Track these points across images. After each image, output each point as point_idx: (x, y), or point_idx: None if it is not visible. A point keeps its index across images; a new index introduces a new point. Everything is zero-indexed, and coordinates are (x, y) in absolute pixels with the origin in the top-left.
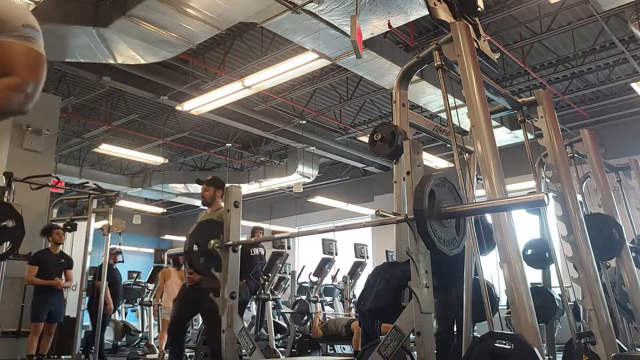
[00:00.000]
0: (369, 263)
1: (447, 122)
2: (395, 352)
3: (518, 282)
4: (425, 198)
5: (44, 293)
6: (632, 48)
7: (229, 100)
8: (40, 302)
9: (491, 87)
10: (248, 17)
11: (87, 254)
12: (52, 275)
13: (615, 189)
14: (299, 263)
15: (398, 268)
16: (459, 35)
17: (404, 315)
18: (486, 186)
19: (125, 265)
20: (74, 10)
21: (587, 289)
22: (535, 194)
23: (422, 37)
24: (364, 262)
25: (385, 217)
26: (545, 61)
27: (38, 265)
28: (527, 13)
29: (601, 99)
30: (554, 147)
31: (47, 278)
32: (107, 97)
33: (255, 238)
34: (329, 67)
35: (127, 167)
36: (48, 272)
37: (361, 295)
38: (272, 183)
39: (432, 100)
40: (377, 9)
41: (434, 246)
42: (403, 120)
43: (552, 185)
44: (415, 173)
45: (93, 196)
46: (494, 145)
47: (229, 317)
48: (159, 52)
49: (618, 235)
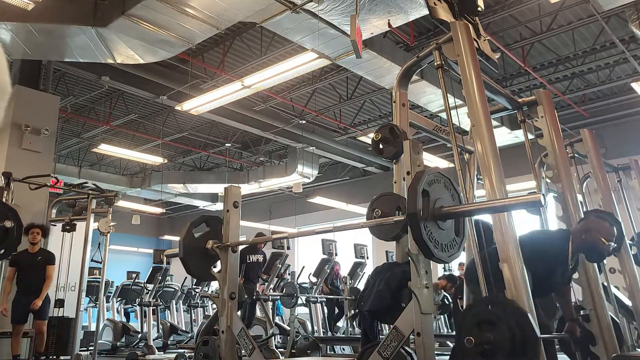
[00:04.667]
0: (368, 263)
1: (447, 122)
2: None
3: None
4: (418, 199)
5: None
6: (633, 48)
7: (228, 100)
8: (18, 303)
9: (491, 87)
10: (247, 16)
11: (87, 253)
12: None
13: (615, 189)
14: (299, 263)
15: (398, 269)
16: (459, 35)
17: (404, 315)
18: (486, 186)
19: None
20: (73, 10)
21: (587, 289)
22: (533, 194)
23: (422, 36)
24: (363, 262)
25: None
26: (545, 61)
27: (15, 267)
28: (527, 13)
29: (601, 98)
30: (554, 147)
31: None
32: (106, 97)
33: (253, 238)
34: (328, 67)
35: (126, 167)
36: (26, 273)
37: (361, 295)
38: (271, 183)
39: (432, 100)
40: (377, 8)
41: (430, 254)
42: (403, 120)
43: (553, 185)
44: (415, 173)
45: (92, 196)
46: (494, 145)
47: (228, 318)
48: (158, 51)
49: (617, 232)
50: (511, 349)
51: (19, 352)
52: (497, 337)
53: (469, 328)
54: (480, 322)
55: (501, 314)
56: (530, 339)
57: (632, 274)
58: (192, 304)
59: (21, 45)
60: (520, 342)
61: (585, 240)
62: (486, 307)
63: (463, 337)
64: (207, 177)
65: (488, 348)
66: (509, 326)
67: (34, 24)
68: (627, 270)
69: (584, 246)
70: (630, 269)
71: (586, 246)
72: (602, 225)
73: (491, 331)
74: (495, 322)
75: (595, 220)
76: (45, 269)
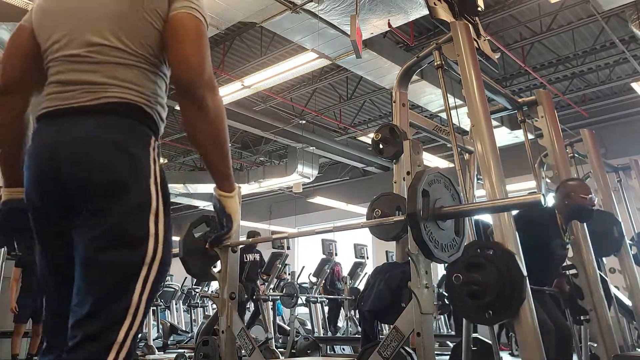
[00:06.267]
0: (368, 263)
1: (447, 122)
2: (395, 353)
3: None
4: (418, 199)
5: (25, 294)
6: (633, 48)
7: (228, 100)
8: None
9: (491, 87)
10: (247, 16)
11: None
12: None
13: (615, 189)
14: (299, 263)
15: (398, 268)
16: (459, 35)
17: (404, 315)
18: (486, 186)
19: None
20: None
21: (587, 289)
22: (533, 194)
23: (422, 36)
24: (363, 262)
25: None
26: (545, 61)
27: (22, 267)
28: (527, 13)
29: (601, 98)
30: (554, 147)
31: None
32: None
33: (253, 239)
34: (328, 67)
35: None
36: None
37: (361, 295)
38: (271, 183)
39: (432, 100)
40: (377, 8)
41: (430, 254)
42: (403, 120)
43: (553, 185)
44: (415, 173)
45: None
46: (494, 145)
47: (228, 318)
48: None
49: (617, 232)
50: (499, 290)
51: (18, 352)
52: (485, 278)
53: (457, 270)
54: (469, 266)
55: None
56: (516, 279)
57: (632, 274)
58: (192, 304)
59: None
60: (508, 282)
61: (569, 205)
62: (475, 251)
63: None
64: (207, 177)
65: (476, 288)
66: (497, 268)
67: None
68: (627, 270)
69: (570, 211)
70: (630, 269)
71: (573, 209)
72: (576, 185)
73: (479, 272)
74: (484, 264)
75: (568, 184)
76: None
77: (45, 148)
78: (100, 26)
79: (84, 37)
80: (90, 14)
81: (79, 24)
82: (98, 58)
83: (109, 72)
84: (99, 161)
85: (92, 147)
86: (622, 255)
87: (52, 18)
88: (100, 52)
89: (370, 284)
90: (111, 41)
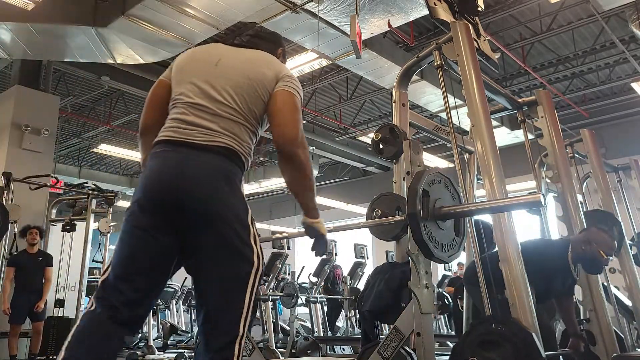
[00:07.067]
0: (368, 263)
1: (447, 122)
2: (395, 353)
3: (516, 275)
4: (418, 199)
5: (20, 294)
6: (633, 48)
7: None
8: (17, 303)
9: (491, 87)
10: (248, 16)
11: (87, 254)
12: (29, 275)
13: (615, 189)
14: (299, 263)
15: (398, 269)
16: (459, 35)
17: (404, 315)
18: (486, 186)
19: None
20: (73, 10)
21: (587, 290)
22: (533, 194)
23: (422, 37)
24: (363, 262)
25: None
26: (545, 61)
27: (15, 267)
28: (527, 13)
29: (601, 98)
30: (554, 147)
31: (24, 278)
32: (106, 97)
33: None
34: (328, 67)
35: (127, 167)
36: (25, 273)
37: (361, 295)
38: (271, 183)
39: (432, 100)
40: (377, 8)
41: (430, 254)
42: (403, 120)
43: (553, 186)
44: (415, 173)
45: (92, 196)
46: (494, 145)
47: None
48: (158, 51)
49: (617, 232)
50: None
51: (16, 352)
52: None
53: (472, 347)
54: (484, 342)
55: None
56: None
57: (632, 274)
58: (192, 304)
59: (21, 45)
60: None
61: (585, 251)
62: (490, 326)
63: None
64: None
65: None
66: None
67: (34, 24)
68: (627, 270)
69: (582, 257)
70: (630, 269)
71: (585, 258)
72: (602, 238)
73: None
74: (499, 342)
75: (595, 232)
76: (44, 270)
77: (168, 167)
78: (224, 89)
79: (210, 93)
80: (218, 79)
81: (207, 84)
82: (217, 112)
83: (222, 123)
84: (215, 185)
85: (211, 174)
86: (622, 256)
87: (187, 75)
88: (219, 107)
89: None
90: (229, 102)
